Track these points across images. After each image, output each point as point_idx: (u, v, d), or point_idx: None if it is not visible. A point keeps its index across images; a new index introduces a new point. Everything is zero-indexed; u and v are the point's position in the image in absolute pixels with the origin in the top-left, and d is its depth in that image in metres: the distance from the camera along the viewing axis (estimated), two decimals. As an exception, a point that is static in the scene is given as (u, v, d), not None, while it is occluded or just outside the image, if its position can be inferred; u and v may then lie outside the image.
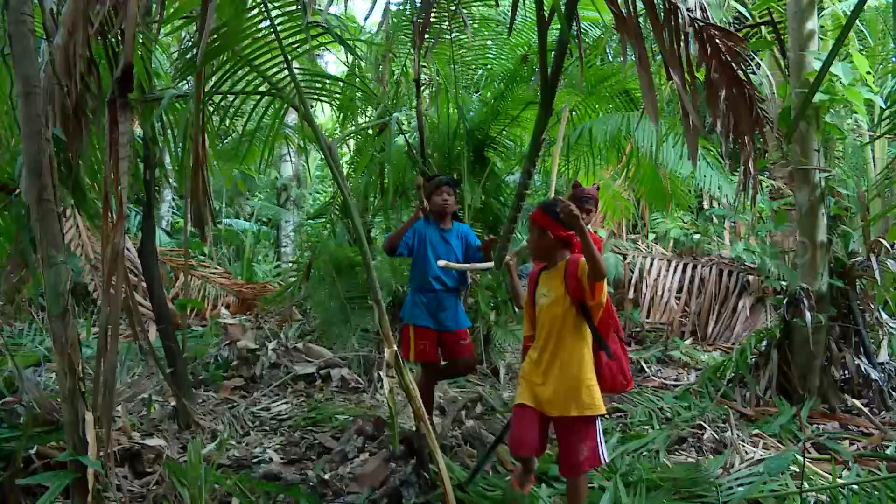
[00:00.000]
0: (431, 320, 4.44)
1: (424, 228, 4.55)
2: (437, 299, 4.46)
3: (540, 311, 3.26)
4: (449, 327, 4.46)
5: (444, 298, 4.48)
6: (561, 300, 3.15)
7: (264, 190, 15.27)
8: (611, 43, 7.66)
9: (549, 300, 3.20)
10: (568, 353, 3.14)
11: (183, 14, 4.19)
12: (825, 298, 5.23)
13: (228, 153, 7.29)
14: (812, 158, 5.22)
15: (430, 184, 4.62)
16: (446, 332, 4.46)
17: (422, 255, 4.49)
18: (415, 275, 4.58)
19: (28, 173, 2.82)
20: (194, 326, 8.03)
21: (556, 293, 3.17)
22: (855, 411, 5.03)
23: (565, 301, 3.14)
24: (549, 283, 3.23)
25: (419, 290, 4.51)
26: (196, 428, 4.54)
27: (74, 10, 2.92)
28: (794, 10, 5.20)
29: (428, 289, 4.46)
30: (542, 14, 3.06)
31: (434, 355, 4.48)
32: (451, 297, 4.53)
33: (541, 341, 3.22)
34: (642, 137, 6.19)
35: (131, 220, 9.52)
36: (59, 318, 2.86)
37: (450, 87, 6.91)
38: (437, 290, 4.45)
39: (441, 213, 4.54)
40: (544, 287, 3.25)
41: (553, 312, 3.17)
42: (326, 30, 4.12)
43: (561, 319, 3.16)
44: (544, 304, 3.22)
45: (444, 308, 4.46)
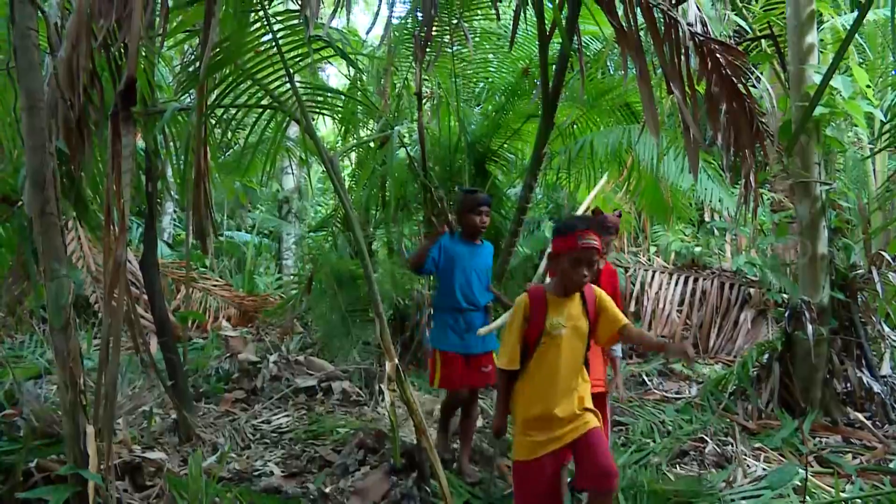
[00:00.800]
0: (459, 343, 4.18)
1: (452, 244, 4.30)
2: (464, 318, 4.21)
3: (552, 343, 2.92)
4: (475, 350, 4.19)
5: (473, 317, 4.22)
6: (584, 332, 2.96)
7: (266, 202, 15.30)
8: (612, 56, 7.69)
9: (568, 331, 2.92)
10: (584, 385, 3.00)
11: (186, 28, 4.21)
12: (827, 311, 5.22)
13: (230, 166, 7.29)
14: (813, 171, 5.23)
15: (466, 200, 4.32)
16: (471, 355, 4.19)
17: (449, 271, 4.24)
18: (441, 293, 4.33)
19: (31, 186, 2.83)
20: (195, 339, 8.02)
21: (579, 324, 2.95)
22: (857, 424, 5.01)
23: (586, 333, 2.97)
24: (564, 312, 2.94)
25: (446, 309, 4.27)
26: (197, 441, 4.53)
27: (78, 24, 2.94)
28: (794, 24, 5.22)
29: (455, 307, 4.21)
30: (544, 28, 3.08)
31: (458, 383, 4.18)
32: (480, 316, 4.27)
33: (556, 376, 2.91)
34: (643, 150, 6.21)
35: (133, 231, 9.52)
36: (61, 331, 2.86)
37: (451, 101, 6.94)
38: (464, 309, 4.21)
39: (474, 232, 4.30)
40: (559, 316, 2.92)
41: (574, 346, 2.94)
42: (328, 43, 4.15)
43: (583, 353, 2.99)
44: (562, 335, 2.91)
45: (472, 328, 4.17)
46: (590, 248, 2.84)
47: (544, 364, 2.93)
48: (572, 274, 2.86)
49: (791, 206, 6.18)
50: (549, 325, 2.92)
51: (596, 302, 3.02)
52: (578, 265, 2.84)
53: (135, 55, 2.83)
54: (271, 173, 6.21)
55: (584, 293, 3.00)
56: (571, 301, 2.96)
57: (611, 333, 3.02)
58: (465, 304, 4.21)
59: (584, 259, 2.84)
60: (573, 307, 2.96)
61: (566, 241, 2.88)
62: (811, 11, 5.19)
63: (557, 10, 2.95)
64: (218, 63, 4.05)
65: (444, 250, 4.28)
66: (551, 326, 2.92)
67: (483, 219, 4.25)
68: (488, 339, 4.21)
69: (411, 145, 7.11)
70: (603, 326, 3.02)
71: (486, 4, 6.42)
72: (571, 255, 2.85)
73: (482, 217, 4.24)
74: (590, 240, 2.84)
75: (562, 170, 7.07)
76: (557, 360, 2.91)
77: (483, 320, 4.27)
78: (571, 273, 2.86)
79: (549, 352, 2.92)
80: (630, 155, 6.57)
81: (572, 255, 2.84)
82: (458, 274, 4.21)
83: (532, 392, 2.95)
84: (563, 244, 2.89)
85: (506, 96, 7.21)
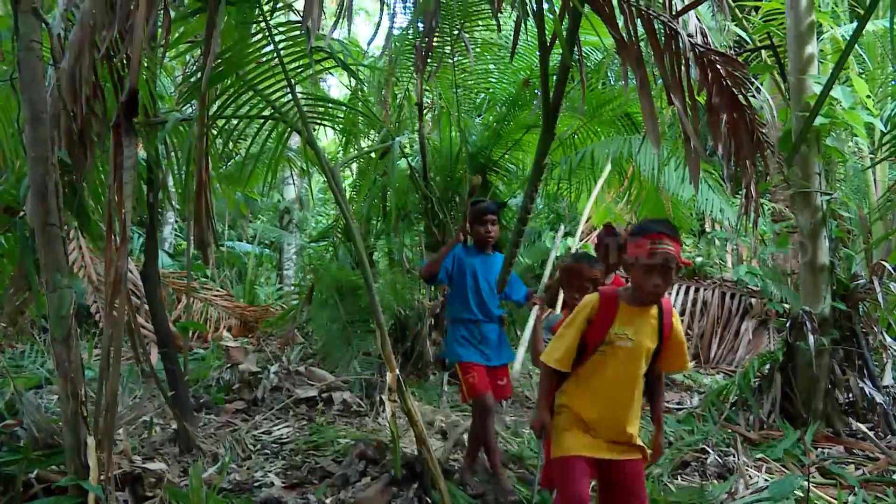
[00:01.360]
0: (475, 354, 4.08)
1: (465, 254, 4.24)
2: (479, 330, 4.12)
3: (611, 353, 2.72)
4: (491, 362, 4.11)
5: (487, 329, 4.14)
6: (649, 352, 2.75)
7: (267, 213, 15.32)
8: (612, 67, 7.72)
9: (634, 346, 2.71)
10: (638, 405, 2.80)
11: (188, 39, 4.23)
12: (828, 321, 5.22)
13: (232, 176, 7.30)
14: (813, 181, 5.23)
15: (472, 211, 4.26)
16: (491, 366, 4.11)
17: (462, 282, 4.17)
18: (454, 305, 4.25)
19: (34, 197, 2.84)
20: (196, 349, 8.01)
21: (647, 342, 2.73)
22: (860, 435, 5.00)
23: (650, 354, 2.76)
24: (635, 324, 2.72)
25: (460, 322, 4.18)
26: (197, 451, 4.52)
27: (82, 35, 2.95)
28: (794, 35, 5.24)
29: (470, 319, 4.13)
30: (544, 39, 3.09)
31: (486, 385, 4.00)
32: (494, 328, 4.19)
33: (609, 391, 2.74)
34: (644, 161, 6.22)
35: (134, 241, 9.54)
36: (62, 341, 2.86)
37: (452, 111, 6.96)
38: (479, 320, 4.12)
39: (483, 243, 4.24)
40: (627, 327, 2.71)
41: (635, 364, 2.73)
42: (330, 55, 4.16)
43: (640, 376, 2.78)
44: (626, 347, 2.70)
45: (486, 340, 4.12)
46: (664, 255, 2.58)
47: (596, 376, 2.75)
48: (643, 283, 2.64)
49: (792, 216, 6.18)
50: (612, 333, 2.71)
51: (672, 323, 2.79)
52: (650, 273, 2.61)
53: (137, 67, 2.84)
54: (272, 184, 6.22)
55: (663, 309, 2.76)
56: (645, 314, 2.74)
57: (676, 365, 2.87)
58: (479, 315, 4.13)
59: (658, 267, 2.60)
60: (646, 322, 2.73)
61: (638, 246, 2.64)
62: (811, 22, 5.21)
63: (558, 22, 2.96)
64: (220, 74, 4.06)
65: (457, 261, 4.22)
66: (615, 336, 2.71)
67: (489, 228, 4.18)
68: (504, 352, 4.18)
69: (412, 156, 7.14)
70: (671, 353, 2.81)
71: (487, 15, 6.44)
72: (643, 262, 2.61)
73: (487, 227, 4.18)
74: (664, 245, 2.58)
75: (563, 180, 7.09)
76: (613, 375, 2.72)
77: (497, 332, 4.20)
78: (642, 282, 2.64)
79: (605, 363, 2.73)
80: (631, 165, 6.58)
81: (644, 261, 2.61)
82: (472, 285, 4.14)
83: (583, 395, 2.78)
84: (635, 249, 2.65)
85: (507, 107, 7.22)
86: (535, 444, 4.99)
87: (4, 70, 3.82)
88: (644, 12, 3.02)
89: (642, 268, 2.63)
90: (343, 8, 3.24)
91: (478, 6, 6.24)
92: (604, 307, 2.75)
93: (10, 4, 2.85)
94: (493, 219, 4.19)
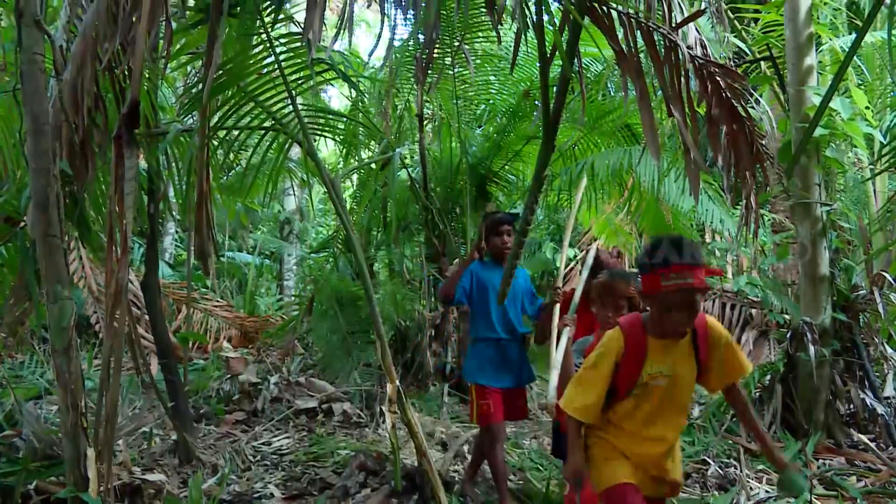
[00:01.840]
0: (494, 376, 3.91)
1: (482, 270, 4.08)
2: (501, 349, 3.95)
3: (645, 396, 2.42)
4: (511, 383, 3.97)
5: (509, 348, 3.97)
6: (690, 381, 2.46)
7: (267, 223, 15.33)
8: (612, 78, 7.74)
9: (671, 382, 2.40)
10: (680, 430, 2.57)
11: (189, 50, 4.25)
12: (828, 332, 5.21)
13: (232, 187, 7.32)
14: (813, 192, 5.24)
15: (487, 223, 4.11)
16: (508, 389, 3.95)
17: (483, 300, 3.99)
18: (477, 325, 4.07)
19: (35, 209, 2.85)
20: (196, 359, 8.00)
21: (684, 371, 2.43)
22: (861, 446, 4.98)
23: (692, 382, 2.48)
24: (670, 357, 2.40)
25: (481, 340, 4.02)
26: (197, 462, 4.51)
27: (84, 47, 2.96)
28: (793, 46, 5.26)
29: (492, 337, 3.96)
30: (544, 51, 3.10)
31: (499, 416, 3.88)
32: (517, 347, 4.01)
33: (650, 432, 2.45)
34: (644, 172, 6.23)
35: (135, 252, 9.53)
36: (63, 353, 2.86)
37: (452, 122, 6.98)
38: (501, 339, 3.95)
39: (500, 255, 4.05)
40: (661, 364, 2.38)
41: (676, 399, 2.46)
42: (330, 66, 4.17)
43: (684, 405, 2.54)
44: (662, 386, 2.40)
45: (508, 360, 3.95)
46: (682, 290, 2.22)
47: (629, 420, 2.46)
48: (663, 321, 2.33)
49: (792, 226, 6.18)
50: (646, 375, 2.39)
51: (710, 338, 2.43)
52: (670, 311, 2.29)
53: (139, 79, 2.85)
54: (273, 194, 6.24)
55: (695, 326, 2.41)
56: (679, 342, 2.40)
57: (735, 375, 2.50)
58: (503, 333, 3.96)
59: (676, 303, 2.25)
60: (679, 350, 2.40)
61: (649, 282, 2.30)
62: (810, 34, 5.23)
63: (558, 34, 2.97)
64: (221, 85, 4.07)
65: (475, 278, 4.06)
66: (649, 377, 2.39)
67: (505, 239, 4.02)
68: (525, 373, 4.04)
69: (413, 167, 7.15)
70: (717, 372, 2.47)
71: (487, 27, 6.47)
72: (658, 300, 2.30)
73: (503, 238, 4.02)
74: (682, 279, 2.21)
75: (563, 191, 7.10)
76: (650, 417, 2.44)
77: (519, 352, 4.03)
78: (662, 320, 2.33)
79: (639, 407, 2.44)
80: (631, 176, 6.59)
81: (659, 299, 2.29)
82: (493, 301, 3.94)
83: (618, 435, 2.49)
84: (647, 284, 2.32)
85: (507, 118, 7.25)
86: (535, 455, 4.98)
87: (7, 81, 3.83)
88: (644, 24, 3.03)
89: (659, 306, 2.32)
90: (344, 20, 3.25)
91: (478, 18, 6.27)
92: (631, 347, 2.39)
93: (14, 17, 2.86)
94: (509, 229, 4.04)
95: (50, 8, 4.50)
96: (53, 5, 4.83)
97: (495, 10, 3.02)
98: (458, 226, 7.18)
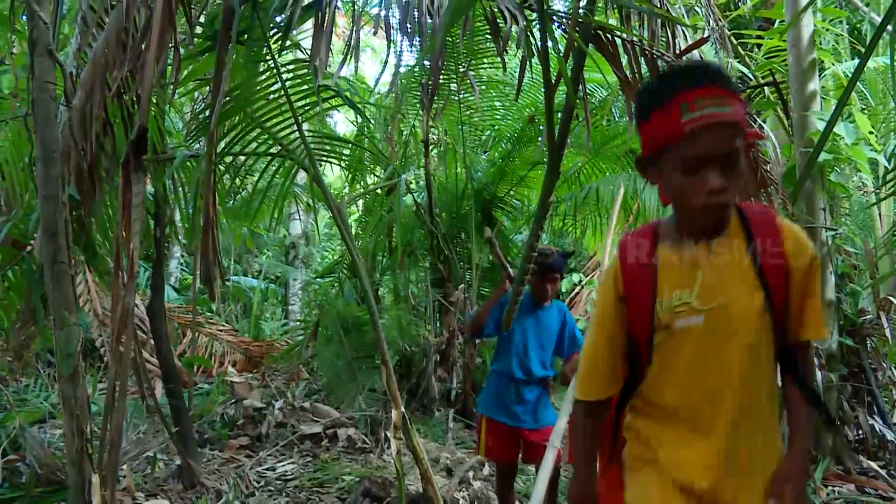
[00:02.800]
0: (505, 413, 3.73)
1: (518, 309, 3.79)
2: (516, 390, 3.72)
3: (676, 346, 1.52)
4: (526, 423, 3.71)
5: (525, 390, 3.72)
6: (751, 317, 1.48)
7: (272, 248, 15.35)
8: (617, 103, 7.79)
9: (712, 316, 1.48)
10: (767, 416, 1.55)
11: (197, 77, 4.29)
12: (836, 357, 5.18)
13: (238, 211, 7.36)
14: (818, 217, 5.24)
15: (537, 263, 3.70)
16: (525, 428, 3.71)
17: (508, 336, 3.78)
18: (497, 357, 3.88)
19: (44, 235, 2.86)
20: (201, 384, 7.99)
21: (741, 295, 1.48)
22: (871, 473, 4.94)
23: (763, 314, 1.48)
24: (697, 276, 1.49)
25: (499, 374, 3.82)
26: (201, 488, 4.49)
27: (93, 74, 3.00)
28: (796, 72, 5.28)
29: (508, 375, 3.74)
30: (549, 77, 3.13)
31: (505, 455, 3.74)
32: (535, 390, 3.75)
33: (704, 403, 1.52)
34: (649, 197, 6.24)
35: (140, 275, 9.55)
36: (69, 379, 2.86)
37: (458, 148, 7.01)
38: (517, 379, 3.71)
39: (539, 299, 3.80)
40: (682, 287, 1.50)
41: (734, 347, 1.48)
42: (337, 93, 4.21)
43: (756, 352, 1.50)
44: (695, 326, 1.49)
45: (522, 401, 3.71)
46: (717, 126, 1.36)
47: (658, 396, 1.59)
48: (687, 190, 1.42)
49: (797, 251, 6.16)
50: (663, 309, 1.51)
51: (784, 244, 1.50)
52: (694, 169, 1.39)
53: (147, 106, 2.88)
54: (279, 219, 6.26)
55: (750, 223, 1.51)
56: (718, 249, 1.49)
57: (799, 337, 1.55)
58: (519, 374, 3.72)
59: (706, 154, 1.37)
60: (722, 261, 1.49)
61: (659, 127, 1.43)
62: (812, 59, 5.26)
63: (563, 61, 3.00)
64: (228, 111, 4.11)
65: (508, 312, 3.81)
66: (668, 313, 1.50)
67: (547, 287, 3.75)
68: (542, 415, 3.77)
69: (418, 192, 7.18)
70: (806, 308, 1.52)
71: (492, 54, 6.52)
72: (675, 155, 1.41)
73: (545, 285, 3.74)
74: (712, 105, 1.35)
75: (568, 216, 7.11)
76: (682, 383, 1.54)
77: (538, 394, 3.76)
78: (685, 188, 1.42)
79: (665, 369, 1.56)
80: (636, 201, 6.60)
81: (677, 153, 1.41)
82: (518, 340, 3.75)
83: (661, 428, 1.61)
84: (657, 129, 1.44)
85: (512, 143, 7.28)
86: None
87: (17, 107, 3.87)
88: (647, 51, 3.06)
89: (678, 163, 1.41)
90: (351, 46, 3.29)
91: (483, 45, 6.32)
92: (631, 265, 1.55)
93: (28, 46, 2.90)
94: (555, 277, 3.78)
95: (61, 34, 4.56)
96: (64, 32, 4.89)
97: (500, 37, 3.05)
98: (463, 251, 7.19)
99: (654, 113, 1.44)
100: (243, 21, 3.48)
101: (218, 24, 3.19)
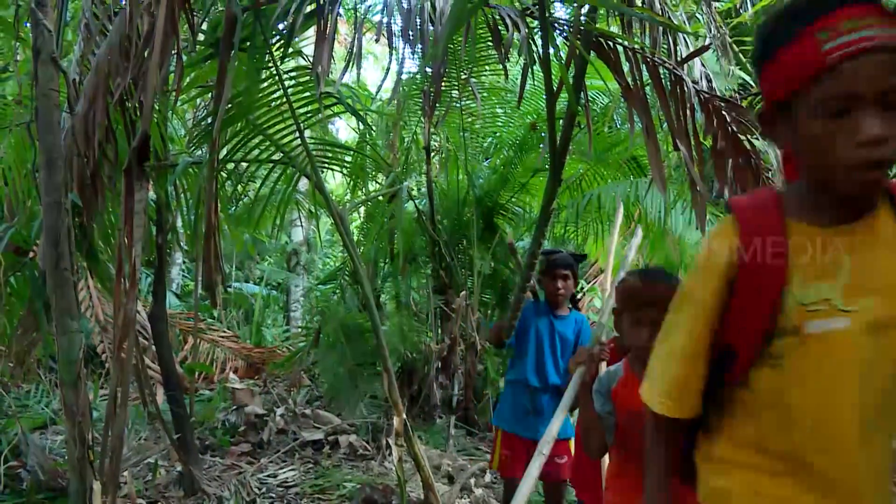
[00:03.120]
0: (521, 425, 3.64)
1: (533, 314, 3.78)
2: (532, 399, 3.65)
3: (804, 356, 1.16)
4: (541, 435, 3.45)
5: (541, 400, 3.65)
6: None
7: (274, 254, 15.36)
8: (619, 110, 7.80)
9: (861, 320, 1.12)
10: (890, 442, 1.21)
11: (199, 84, 4.30)
12: None
13: (240, 218, 7.36)
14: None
15: (543, 262, 3.72)
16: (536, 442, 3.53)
17: (523, 343, 3.74)
18: (513, 366, 3.83)
19: (46, 242, 2.87)
20: (202, 390, 7.98)
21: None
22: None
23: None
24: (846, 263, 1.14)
25: (515, 384, 3.76)
26: (202, 494, 4.48)
27: (96, 82, 3.01)
28: (798, 80, 5.28)
29: (524, 384, 3.68)
30: (551, 85, 3.13)
31: (519, 471, 3.43)
32: (550, 398, 3.63)
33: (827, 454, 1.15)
34: (651, 204, 6.24)
35: (142, 282, 9.55)
36: (71, 385, 2.87)
37: (460, 155, 7.02)
38: (534, 388, 3.65)
39: (553, 300, 3.75)
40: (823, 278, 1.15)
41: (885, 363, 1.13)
42: (339, 100, 4.22)
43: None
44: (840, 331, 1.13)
45: (539, 411, 3.62)
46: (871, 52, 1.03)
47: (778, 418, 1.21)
48: (827, 141, 1.09)
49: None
50: (794, 305, 1.15)
51: None
52: (840, 116, 1.08)
53: (149, 113, 2.89)
54: (280, 226, 6.25)
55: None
56: (869, 230, 1.16)
57: None
58: (536, 382, 3.66)
59: (856, 91, 1.05)
60: (876, 246, 1.15)
61: (791, 54, 1.12)
62: (814, 68, 5.25)
63: (564, 69, 3.00)
64: (230, 118, 4.12)
65: (524, 320, 3.77)
66: (804, 313, 1.15)
67: (557, 285, 3.67)
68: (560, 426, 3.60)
69: (420, 199, 7.18)
70: None
71: (494, 61, 6.53)
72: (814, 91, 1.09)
73: (556, 283, 3.67)
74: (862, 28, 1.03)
75: (569, 223, 7.11)
76: (815, 409, 1.16)
77: (553, 406, 3.51)
78: (824, 138, 1.09)
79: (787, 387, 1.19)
80: (638, 208, 6.60)
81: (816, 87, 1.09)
82: (532, 348, 3.70)
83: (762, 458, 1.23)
84: (785, 63, 1.14)
85: (514, 150, 7.28)
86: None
87: (20, 114, 3.88)
88: (649, 59, 3.06)
89: (818, 107, 1.09)
90: (353, 54, 3.30)
91: (485, 52, 6.34)
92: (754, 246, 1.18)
93: (32, 54, 2.91)
94: (564, 273, 3.67)
95: (65, 42, 4.57)
96: (68, 39, 4.91)
97: (502, 44, 3.06)
98: (465, 258, 7.19)
99: (781, 48, 1.12)
100: (245, 28, 3.49)
101: (220, 31, 3.20)
